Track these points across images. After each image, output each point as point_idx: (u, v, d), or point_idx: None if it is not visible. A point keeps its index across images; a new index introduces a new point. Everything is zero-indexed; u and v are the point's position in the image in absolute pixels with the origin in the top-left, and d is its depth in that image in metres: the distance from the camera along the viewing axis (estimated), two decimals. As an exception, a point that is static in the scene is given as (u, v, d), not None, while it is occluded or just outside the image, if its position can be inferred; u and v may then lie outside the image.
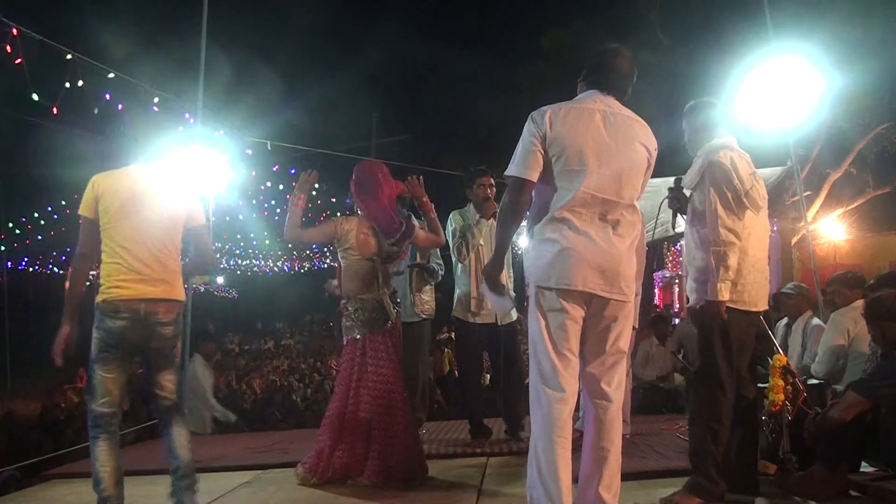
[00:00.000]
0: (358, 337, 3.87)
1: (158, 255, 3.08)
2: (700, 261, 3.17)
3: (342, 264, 3.97)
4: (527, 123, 2.81)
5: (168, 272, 3.10)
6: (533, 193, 2.80)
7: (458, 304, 4.81)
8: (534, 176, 2.77)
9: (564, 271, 2.68)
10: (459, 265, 4.81)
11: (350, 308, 3.90)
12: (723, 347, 3.11)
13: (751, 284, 3.16)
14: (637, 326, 4.76)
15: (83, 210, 3.09)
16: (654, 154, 2.88)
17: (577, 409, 2.78)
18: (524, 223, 2.94)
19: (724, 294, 3.05)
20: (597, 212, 2.72)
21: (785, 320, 5.36)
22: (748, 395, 3.24)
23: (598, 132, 2.75)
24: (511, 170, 2.79)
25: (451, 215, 4.88)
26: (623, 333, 2.78)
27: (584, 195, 2.70)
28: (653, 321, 7.98)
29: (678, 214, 3.48)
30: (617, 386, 2.77)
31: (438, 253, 5.21)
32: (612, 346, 2.75)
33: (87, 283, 3.23)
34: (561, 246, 2.70)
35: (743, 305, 3.14)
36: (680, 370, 6.94)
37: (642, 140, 2.82)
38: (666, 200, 3.49)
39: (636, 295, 4.82)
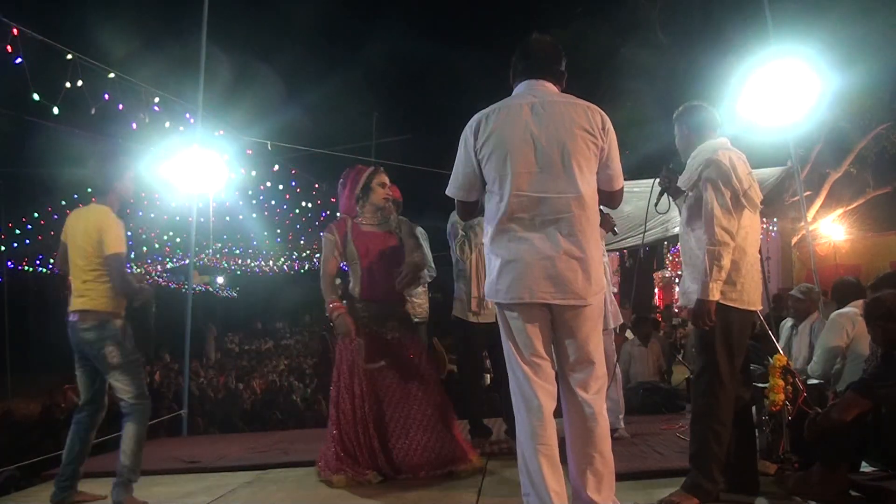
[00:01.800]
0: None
1: (81, 277, 3.71)
2: (700, 261, 3.16)
3: None
4: (461, 137, 2.75)
5: (87, 289, 3.69)
6: (486, 204, 2.76)
7: (459, 303, 4.80)
8: (470, 196, 2.77)
9: (511, 285, 2.61)
10: (460, 264, 4.81)
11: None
12: (724, 348, 3.10)
13: (750, 284, 3.15)
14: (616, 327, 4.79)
15: (63, 237, 3.83)
16: (605, 135, 2.68)
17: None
18: None
19: (715, 294, 3.04)
20: (538, 213, 2.60)
21: (790, 322, 5.33)
22: (744, 395, 3.24)
23: (524, 128, 2.63)
24: (449, 189, 2.79)
25: (452, 214, 4.87)
26: (590, 336, 2.67)
27: (519, 198, 2.60)
28: (634, 322, 7.84)
29: (666, 194, 3.43)
30: (595, 392, 2.66)
31: (430, 255, 5.18)
32: (578, 351, 2.66)
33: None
34: (503, 259, 2.63)
35: (743, 305, 3.13)
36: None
37: (582, 124, 2.63)
38: (658, 178, 3.44)
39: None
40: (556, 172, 2.61)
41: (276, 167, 12.33)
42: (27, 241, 16.27)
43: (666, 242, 11.70)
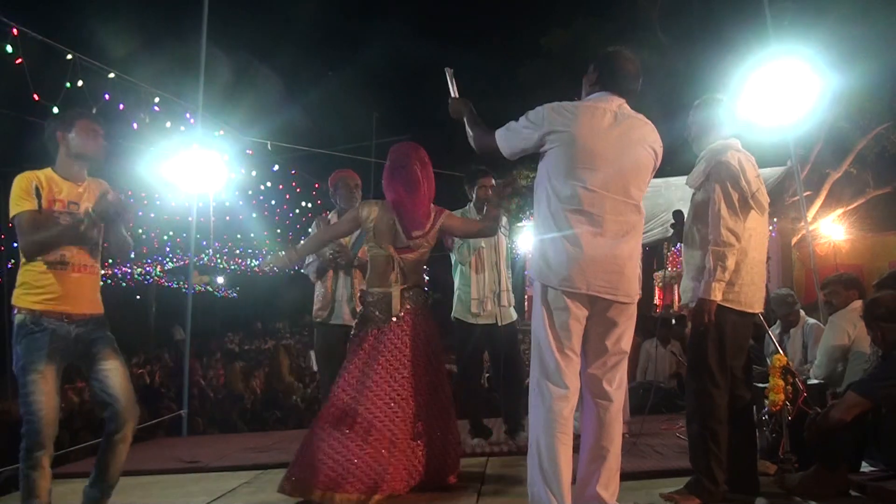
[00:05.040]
0: (369, 331, 3.55)
1: None
2: (700, 260, 3.17)
3: (367, 252, 3.74)
4: (537, 109, 2.81)
5: None
6: (542, 187, 2.81)
7: (459, 304, 4.80)
8: (514, 157, 2.93)
9: (569, 273, 2.69)
10: (460, 266, 4.81)
11: (366, 300, 3.63)
12: (716, 346, 3.12)
13: (748, 286, 3.15)
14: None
15: None
16: (660, 156, 2.91)
17: (576, 409, 2.79)
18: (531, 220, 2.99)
19: (717, 294, 3.05)
20: (604, 211, 2.72)
21: (778, 328, 5.27)
22: (744, 396, 3.24)
23: (607, 132, 2.77)
24: (500, 144, 2.91)
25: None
26: (625, 334, 2.80)
27: (592, 194, 2.71)
28: (656, 323, 7.96)
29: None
30: (618, 386, 2.80)
31: None
32: (614, 346, 2.78)
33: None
34: (566, 245, 2.71)
35: (738, 306, 3.14)
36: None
37: (650, 142, 2.86)
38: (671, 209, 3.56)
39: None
40: (625, 179, 2.77)
41: (276, 167, 12.33)
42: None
43: (666, 242, 11.71)
